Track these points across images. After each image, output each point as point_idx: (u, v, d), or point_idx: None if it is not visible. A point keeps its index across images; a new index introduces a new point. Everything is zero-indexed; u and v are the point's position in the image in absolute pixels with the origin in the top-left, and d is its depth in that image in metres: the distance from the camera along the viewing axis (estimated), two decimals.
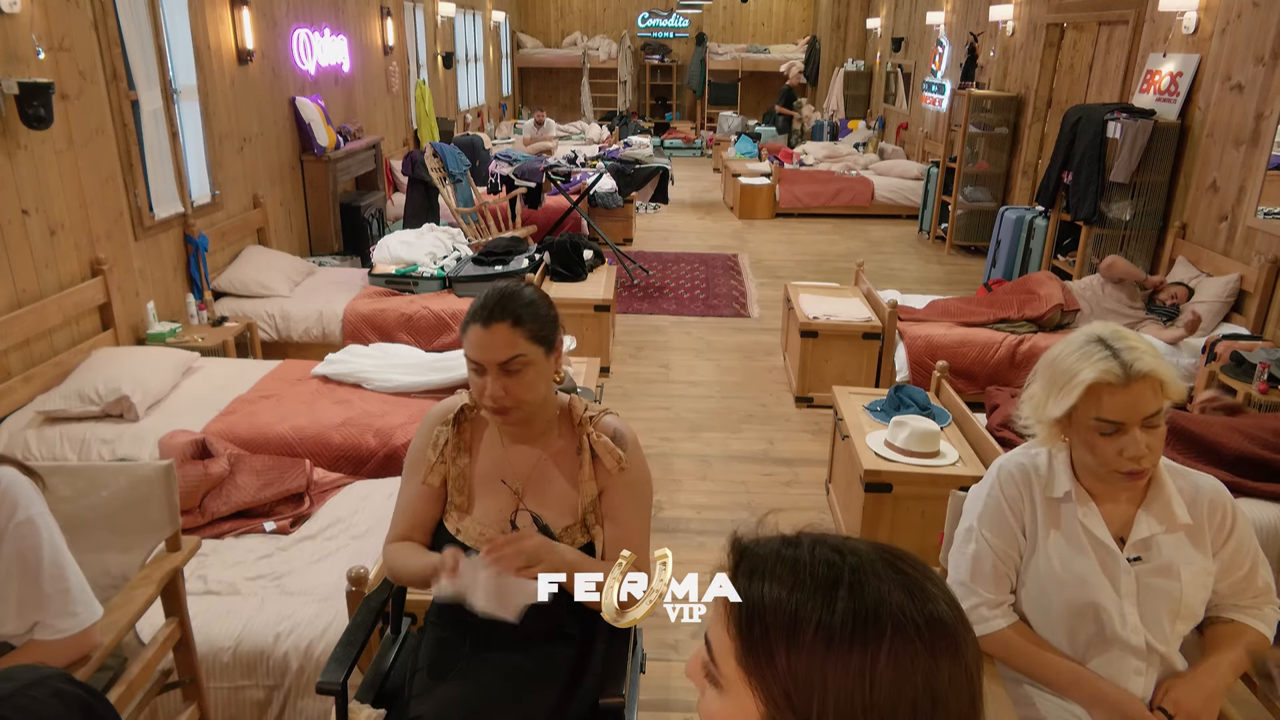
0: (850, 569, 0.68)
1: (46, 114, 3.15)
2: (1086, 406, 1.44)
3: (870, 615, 0.65)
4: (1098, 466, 1.49)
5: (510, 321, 1.51)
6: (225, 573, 2.43)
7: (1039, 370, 1.55)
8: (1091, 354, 1.44)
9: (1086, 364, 1.44)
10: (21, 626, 1.51)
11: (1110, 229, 5.28)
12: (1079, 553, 1.55)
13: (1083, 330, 1.52)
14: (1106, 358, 1.42)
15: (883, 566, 0.69)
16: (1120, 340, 1.45)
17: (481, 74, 12.59)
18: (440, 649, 1.66)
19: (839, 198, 9.48)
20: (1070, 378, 1.45)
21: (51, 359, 3.40)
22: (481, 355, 1.52)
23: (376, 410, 3.35)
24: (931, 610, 0.67)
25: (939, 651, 0.66)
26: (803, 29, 15.77)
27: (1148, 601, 1.51)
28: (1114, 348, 1.44)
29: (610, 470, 1.60)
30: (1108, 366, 1.42)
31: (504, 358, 1.51)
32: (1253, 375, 3.48)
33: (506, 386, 1.52)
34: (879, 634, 0.65)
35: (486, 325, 1.51)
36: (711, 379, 5.00)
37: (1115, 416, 1.42)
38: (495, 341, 1.51)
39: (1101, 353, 1.44)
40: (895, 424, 3.04)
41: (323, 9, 6.35)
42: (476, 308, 1.54)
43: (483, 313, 1.52)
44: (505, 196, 6.72)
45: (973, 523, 1.65)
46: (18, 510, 1.50)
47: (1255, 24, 4.38)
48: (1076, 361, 1.45)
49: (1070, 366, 1.46)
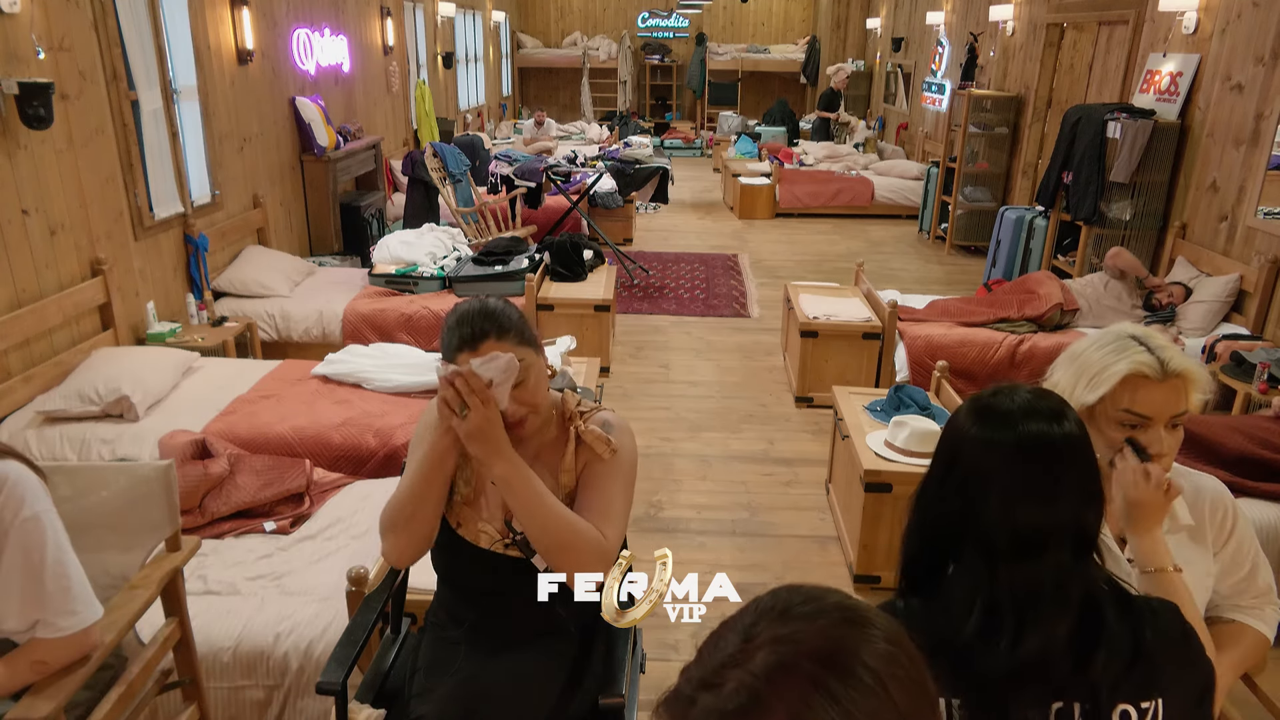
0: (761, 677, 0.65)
1: (46, 114, 3.15)
2: (1118, 397, 1.44)
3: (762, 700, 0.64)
4: (1103, 454, 1.48)
5: (495, 335, 1.50)
6: (225, 573, 2.44)
7: (1062, 363, 1.54)
8: (1127, 347, 1.45)
9: (1122, 356, 1.44)
10: (23, 624, 1.51)
11: (1110, 229, 5.28)
12: None
13: (1112, 328, 1.52)
14: (1143, 352, 1.43)
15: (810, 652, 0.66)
16: (1153, 339, 1.47)
17: (481, 74, 12.59)
18: (440, 649, 1.67)
19: (839, 198, 9.48)
20: (1104, 368, 1.45)
21: (51, 359, 3.40)
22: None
23: (376, 410, 3.35)
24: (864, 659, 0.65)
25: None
26: (803, 29, 15.77)
27: None
28: (1148, 345, 1.45)
29: (601, 456, 1.58)
30: (1146, 359, 1.42)
31: None
32: (1253, 375, 3.49)
33: (516, 397, 1.51)
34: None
35: (476, 348, 1.49)
36: (711, 379, 5.00)
37: (1146, 410, 1.43)
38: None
39: (1137, 347, 1.44)
40: (895, 424, 3.04)
41: (323, 9, 6.35)
42: (457, 338, 1.51)
43: (468, 339, 1.49)
44: (505, 196, 6.72)
45: None
46: (24, 507, 1.50)
47: (1255, 24, 4.38)
48: (1111, 354, 1.45)
49: (1103, 358, 1.46)
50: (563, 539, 1.46)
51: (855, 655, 0.66)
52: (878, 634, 0.68)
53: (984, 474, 1.12)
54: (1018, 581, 1.08)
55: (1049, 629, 1.07)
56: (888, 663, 0.66)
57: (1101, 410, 1.46)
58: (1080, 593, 1.09)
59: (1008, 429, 1.12)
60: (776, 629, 0.67)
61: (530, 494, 1.47)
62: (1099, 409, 1.46)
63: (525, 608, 1.58)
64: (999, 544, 1.09)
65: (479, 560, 1.59)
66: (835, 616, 0.68)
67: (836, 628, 0.68)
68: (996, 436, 1.12)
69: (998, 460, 1.11)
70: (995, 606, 1.08)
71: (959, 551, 1.15)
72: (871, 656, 0.66)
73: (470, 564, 1.60)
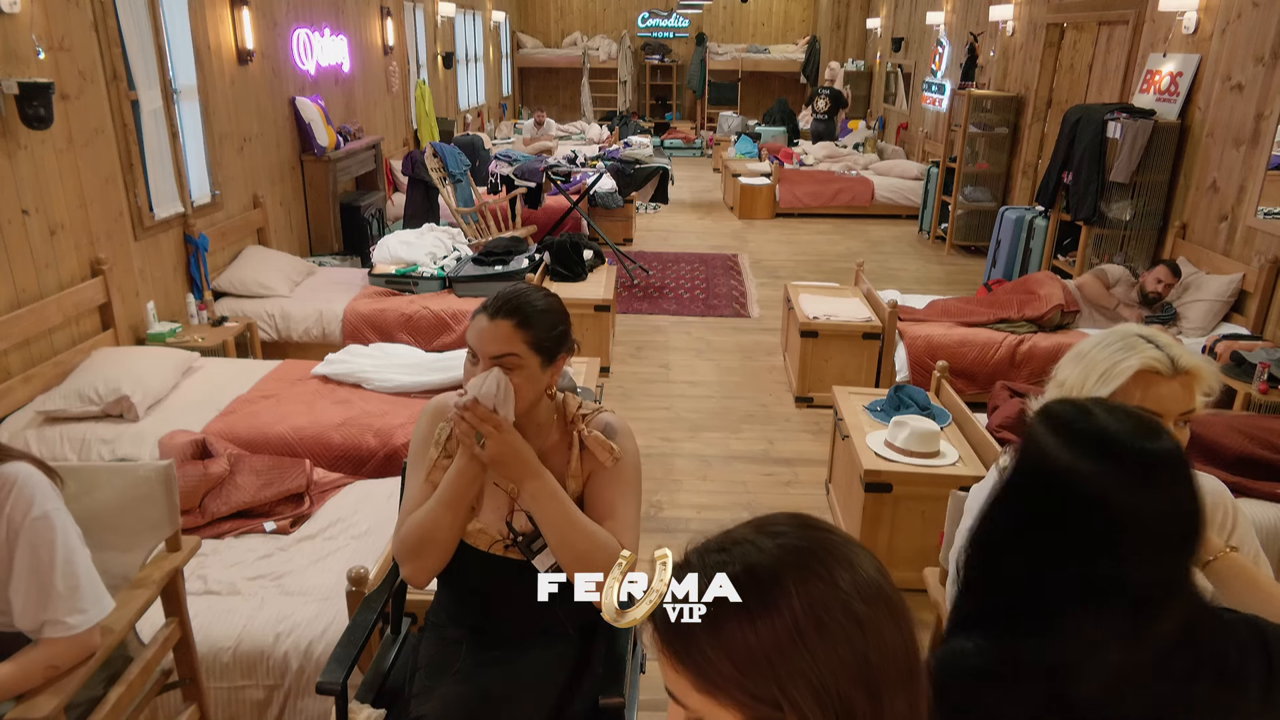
0: (757, 549, 0.70)
1: (46, 114, 3.15)
2: (1129, 393, 1.44)
3: (770, 583, 0.67)
4: None
5: (515, 321, 1.52)
6: (225, 573, 2.43)
7: (1068, 361, 1.53)
8: (1136, 345, 1.45)
9: (1133, 353, 1.44)
10: (34, 622, 1.52)
11: (1110, 229, 5.28)
12: None
13: (1118, 328, 1.53)
14: (1153, 349, 1.44)
15: (796, 535, 0.72)
16: (1159, 337, 1.48)
17: (481, 74, 12.59)
18: (440, 649, 1.66)
19: (839, 198, 9.48)
20: (1115, 364, 1.44)
21: (51, 359, 3.40)
22: (477, 343, 1.53)
23: (376, 410, 3.35)
24: (862, 576, 0.69)
25: (874, 615, 0.68)
26: (803, 29, 15.77)
27: None
28: (1156, 342, 1.46)
29: (604, 463, 1.59)
30: (1156, 355, 1.43)
31: (496, 352, 1.51)
32: (1253, 375, 3.49)
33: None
34: (786, 601, 0.66)
35: (492, 318, 1.52)
36: (711, 379, 5.00)
37: (1156, 406, 1.42)
38: (494, 334, 1.51)
39: (1146, 344, 1.45)
40: (895, 424, 3.04)
41: (323, 9, 6.35)
42: (490, 299, 1.56)
43: (493, 305, 1.54)
44: (505, 196, 6.72)
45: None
46: (33, 506, 1.51)
47: (1255, 24, 4.38)
48: (1120, 351, 1.46)
49: (1112, 355, 1.46)
50: (583, 550, 1.48)
51: (859, 556, 0.72)
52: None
53: (1122, 514, 0.99)
54: (1162, 630, 1.00)
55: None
56: (883, 574, 0.72)
57: None
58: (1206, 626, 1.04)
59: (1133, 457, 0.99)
60: (784, 529, 0.74)
61: (558, 508, 1.50)
62: None
63: (525, 608, 1.58)
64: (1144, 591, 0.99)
65: (479, 562, 1.59)
66: (842, 536, 0.75)
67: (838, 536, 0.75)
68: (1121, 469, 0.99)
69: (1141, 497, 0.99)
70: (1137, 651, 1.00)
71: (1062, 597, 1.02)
72: (871, 564, 0.72)
73: (470, 566, 1.60)
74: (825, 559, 0.70)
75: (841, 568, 0.69)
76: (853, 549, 0.72)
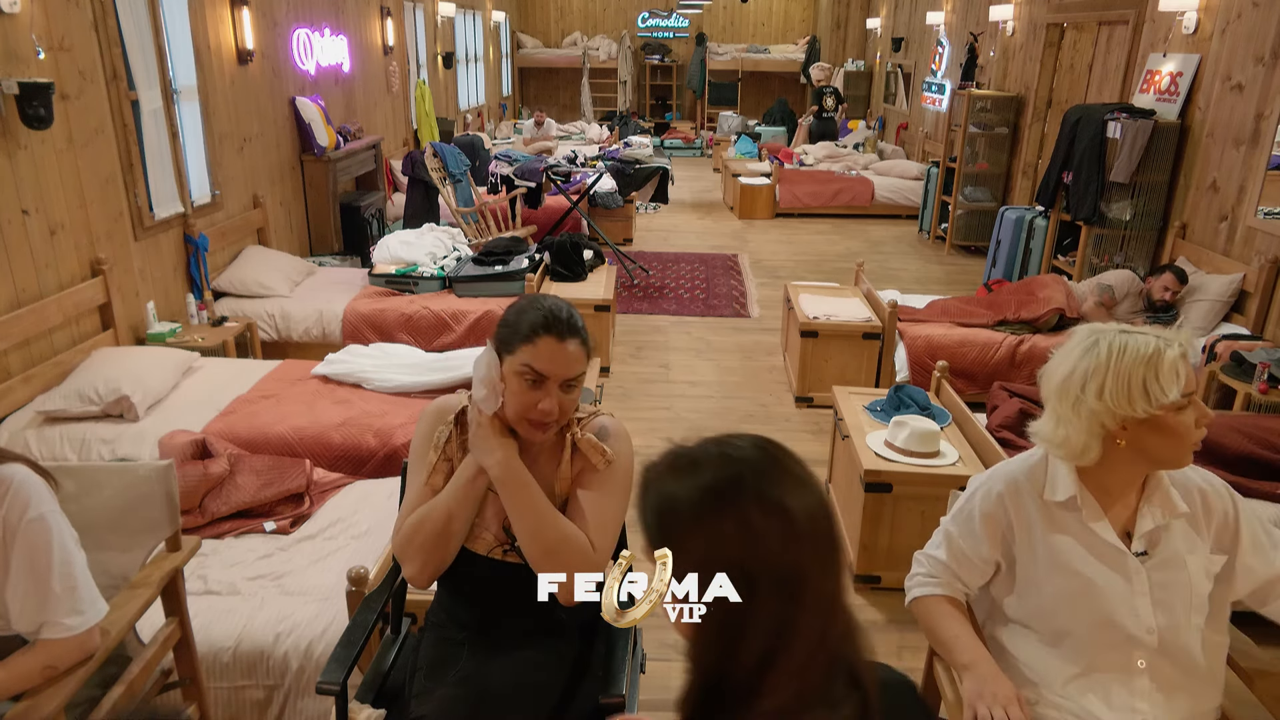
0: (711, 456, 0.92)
1: (46, 114, 3.15)
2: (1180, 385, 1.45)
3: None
4: (1175, 447, 1.47)
5: (580, 339, 1.50)
6: (225, 573, 2.43)
7: (1085, 385, 1.47)
8: (1137, 339, 1.45)
9: (1155, 345, 1.44)
10: (31, 624, 1.53)
11: (1110, 229, 5.28)
12: (1085, 556, 1.55)
13: (1081, 333, 1.52)
14: (1153, 336, 1.45)
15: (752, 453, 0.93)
16: (1132, 328, 1.50)
17: (481, 74, 12.59)
18: (441, 649, 1.66)
19: (839, 198, 9.48)
20: (1160, 362, 1.43)
21: (51, 359, 3.40)
22: (553, 369, 1.47)
23: (376, 410, 3.35)
24: (773, 496, 0.88)
25: (769, 527, 0.86)
26: (803, 29, 15.77)
27: (1163, 598, 1.52)
28: (1140, 331, 1.48)
29: (596, 466, 1.58)
30: (1170, 337, 1.45)
31: (573, 374, 1.49)
32: (1253, 375, 3.48)
33: (561, 403, 1.50)
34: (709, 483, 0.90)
35: (563, 340, 1.47)
36: (711, 379, 5.00)
37: (1191, 387, 1.45)
38: (570, 357, 1.48)
39: (1142, 335, 1.46)
40: (895, 424, 3.04)
41: (323, 9, 6.35)
42: (547, 320, 1.47)
43: (558, 326, 1.47)
44: (505, 196, 6.71)
45: (948, 521, 1.73)
46: (29, 508, 1.51)
47: (1255, 24, 4.38)
48: (1143, 350, 1.44)
49: (1146, 356, 1.43)
50: (550, 544, 1.47)
51: (792, 484, 0.92)
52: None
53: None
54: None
55: None
56: (810, 504, 0.92)
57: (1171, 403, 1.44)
58: None
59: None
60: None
61: (525, 496, 1.49)
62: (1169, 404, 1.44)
63: (525, 610, 1.58)
64: None
65: (478, 565, 1.59)
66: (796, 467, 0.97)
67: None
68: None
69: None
70: None
71: None
72: (806, 495, 0.92)
73: (469, 569, 1.60)
74: (764, 476, 0.89)
75: (768, 483, 0.88)
76: (791, 479, 0.91)
